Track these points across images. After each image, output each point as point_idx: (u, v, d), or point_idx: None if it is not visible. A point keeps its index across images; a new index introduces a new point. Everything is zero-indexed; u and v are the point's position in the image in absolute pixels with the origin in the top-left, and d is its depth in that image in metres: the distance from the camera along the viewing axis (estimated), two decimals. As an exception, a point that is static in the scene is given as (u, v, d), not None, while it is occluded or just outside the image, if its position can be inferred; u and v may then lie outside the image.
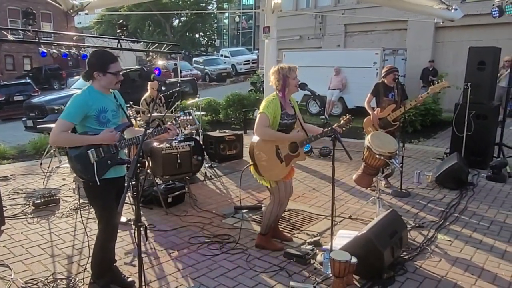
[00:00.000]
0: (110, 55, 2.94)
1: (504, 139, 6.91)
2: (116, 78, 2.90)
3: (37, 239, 4.09)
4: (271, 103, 3.50)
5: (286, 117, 3.57)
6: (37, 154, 7.90)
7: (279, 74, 3.54)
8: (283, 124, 3.55)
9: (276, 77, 3.56)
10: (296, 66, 3.62)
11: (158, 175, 5.22)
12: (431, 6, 8.91)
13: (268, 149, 3.51)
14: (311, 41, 18.22)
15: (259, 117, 3.48)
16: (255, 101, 11.54)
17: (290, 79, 3.53)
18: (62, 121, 2.77)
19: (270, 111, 3.47)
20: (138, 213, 2.51)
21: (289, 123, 3.60)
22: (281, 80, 3.53)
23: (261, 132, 3.46)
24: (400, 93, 5.38)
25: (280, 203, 3.75)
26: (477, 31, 13.17)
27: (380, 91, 5.45)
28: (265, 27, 7.59)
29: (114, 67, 2.87)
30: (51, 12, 28.67)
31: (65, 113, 2.78)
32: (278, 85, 3.56)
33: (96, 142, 2.82)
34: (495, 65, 6.62)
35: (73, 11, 7.68)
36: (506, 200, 5.11)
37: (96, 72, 2.86)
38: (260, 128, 3.45)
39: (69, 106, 2.79)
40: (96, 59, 2.90)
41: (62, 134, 2.77)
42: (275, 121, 3.50)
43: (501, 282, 3.23)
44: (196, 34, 40.69)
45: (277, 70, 3.56)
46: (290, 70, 3.54)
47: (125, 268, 3.47)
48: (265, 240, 3.84)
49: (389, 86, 5.40)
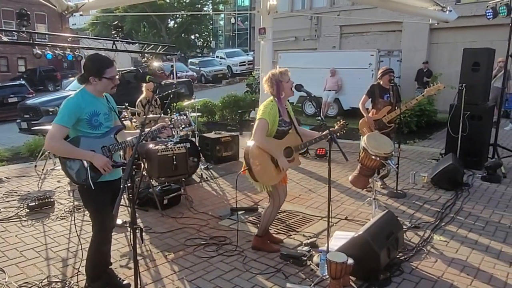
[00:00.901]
0: (106, 60, 2.90)
1: (498, 139, 6.96)
2: (111, 82, 2.88)
3: (32, 242, 4.05)
4: (272, 110, 3.49)
5: (284, 124, 3.59)
6: (31, 156, 7.84)
7: (271, 80, 3.55)
8: (280, 130, 3.56)
9: (269, 84, 3.57)
10: (287, 69, 3.63)
11: (154, 177, 5.19)
12: (425, 8, 8.96)
13: (263, 154, 3.50)
14: (307, 42, 18.26)
15: (259, 122, 3.46)
16: (251, 103, 11.54)
17: (284, 83, 3.54)
18: (57, 126, 2.74)
19: (271, 118, 3.47)
20: (133, 215, 2.49)
21: (286, 129, 3.62)
22: (274, 85, 3.53)
23: (259, 140, 3.44)
24: (395, 94, 5.37)
25: (280, 206, 3.75)
26: (472, 33, 13.26)
27: (375, 93, 5.45)
28: (260, 28, 7.59)
29: (110, 72, 2.85)
30: (45, 13, 28.53)
31: (59, 118, 2.75)
32: (272, 91, 3.56)
33: (88, 159, 2.78)
34: (489, 66, 6.67)
35: (67, 12, 7.65)
36: (501, 201, 5.14)
37: (92, 77, 2.83)
38: (259, 135, 3.43)
39: (63, 110, 2.76)
40: (92, 63, 2.87)
41: (60, 143, 2.74)
42: (273, 127, 3.51)
43: (496, 282, 3.24)
44: (191, 36, 40.61)
45: (268, 77, 3.57)
46: (282, 74, 3.54)
47: (121, 271, 3.45)
48: (261, 242, 3.84)
49: (384, 88, 5.40)
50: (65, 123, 2.74)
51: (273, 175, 3.54)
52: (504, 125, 9.93)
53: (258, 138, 3.43)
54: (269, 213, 3.73)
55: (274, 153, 3.49)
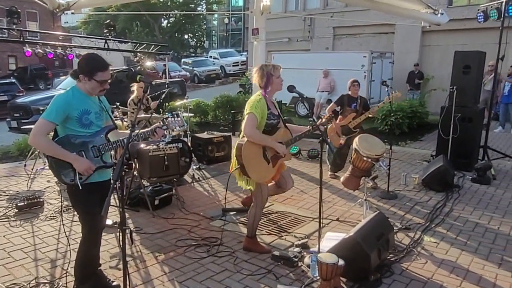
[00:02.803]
0: (101, 62, 2.82)
1: (488, 141, 7.02)
2: (100, 86, 2.81)
3: (20, 243, 4.00)
4: (259, 103, 3.48)
5: (272, 117, 3.58)
6: (21, 156, 7.75)
7: (262, 71, 3.56)
8: (269, 124, 3.55)
9: (259, 74, 3.58)
10: (280, 65, 3.65)
11: (145, 177, 5.16)
12: (418, 10, 9.03)
13: (256, 150, 3.48)
14: (300, 43, 18.31)
15: (248, 117, 3.44)
16: (244, 103, 11.43)
17: (274, 77, 3.55)
18: (43, 121, 2.69)
19: (258, 111, 3.44)
20: (123, 216, 2.47)
21: (275, 123, 3.61)
22: (264, 77, 3.54)
23: (250, 133, 3.41)
24: (362, 104, 5.91)
25: (263, 206, 3.74)
26: (463, 36, 13.40)
27: (344, 102, 5.96)
28: (254, 29, 7.59)
29: (101, 76, 2.78)
30: (37, 11, 28.22)
31: (47, 113, 2.70)
32: (261, 82, 3.57)
33: (70, 161, 2.72)
34: (480, 69, 6.73)
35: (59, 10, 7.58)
36: (491, 202, 5.19)
37: (82, 75, 2.78)
38: (250, 128, 3.40)
39: (51, 106, 2.72)
40: (86, 62, 2.82)
41: (44, 140, 2.70)
42: (262, 121, 3.49)
43: (485, 284, 3.26)
44: (185, 35, 40.45)
45: (260, 68, 3.60)
46: (274, 68, 3.57)
47: (110, 272, 3.41)
48: (252, 242, 3.82)
49: (353, 97, 5.96)
50: (52, 119, 2.69)
51: (265, 171, 3.54)
52: (494, 127, 10.03)
53: (249, 131, 3.40)
54: (253, 213, 3.71)
55: (268, 142, 3.49)
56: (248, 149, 3.45)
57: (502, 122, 10.34)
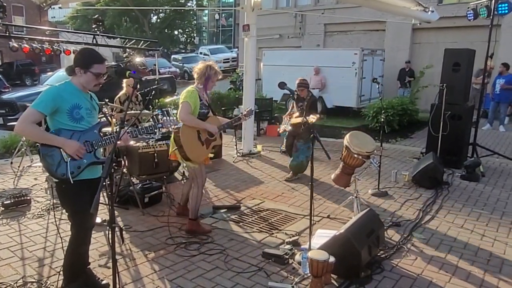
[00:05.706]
0: (98, 55, 2.86)
1: (477, 139, 7.09)
2: (95, 79, 2.82)
3: (6, 241, 3.92)
4: (192, 94, 3.95)
5: (204, 107, 4.06)
6: (7, 153, 7.60)
7: (205, 72, 4.00)
8: (201, 113, 4.03)
9: (202, 72, 4.00)
10: (220, 73, 4.14)
11: (135, 174, 5.10)
12: (408, 8, 9.07)
13: (191, 133, 3.95)
14: (291, 40, 18.28)
15: (183, 105, 3.90)
16: (235, 100, 11.47)
17: (211, 82, 4.06)
18: (32, 110, 2.67)
19: (192, 101, 3.92)
20: (112, 214, 2.43)
21: (206, 112, 4.10)
22: (203, 77, 4.01)
23: (184, 118, 3.87)
24: (309, 104, 5.87)
25: (203, 185, 4.16)
26: (453, 33, 13.51)
27: (295, 100, 6.13)
28: (244, 25, 7.55)
29: (97, 68, 2.80)
30: (23, 5, 27.71)
31: (36, 102, 2.69)
32: (199, 78, 4.03)
33: (59, 145, 2.71)
34: (469, 67, 6.78)
35: (46, 5, 7.44)
36: (479, 199, 5.24)
37: (78, 68, 2.79)
38: (184, 114, 3.87)
39: (42, 96, 2.71)
40: (81, 56, 2.84)
41: (30, 126, 2.68)
42: (195, 110, 3.96)
43: (474, 280, 3.30)
44: (175, 31, 40.11)
45: (205, 67, 4.01)
46: (215, 74, 4.05)
47: (100, 270, 3.37)
48: (196, 224, 4.11)
49: (301, 97, 6.09)
50: (40, 109, 2.67)
51: (200, 151, 4.03)
52: (483, 125, 10.14)
53: (184, 116, 3.87)
54: (195, 194, 4.07)
55: (201, 124, 3.98)
56: (184, 132, 3.90)
57: (491, 119, 10.46)
